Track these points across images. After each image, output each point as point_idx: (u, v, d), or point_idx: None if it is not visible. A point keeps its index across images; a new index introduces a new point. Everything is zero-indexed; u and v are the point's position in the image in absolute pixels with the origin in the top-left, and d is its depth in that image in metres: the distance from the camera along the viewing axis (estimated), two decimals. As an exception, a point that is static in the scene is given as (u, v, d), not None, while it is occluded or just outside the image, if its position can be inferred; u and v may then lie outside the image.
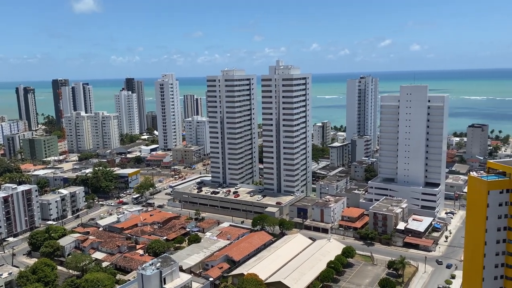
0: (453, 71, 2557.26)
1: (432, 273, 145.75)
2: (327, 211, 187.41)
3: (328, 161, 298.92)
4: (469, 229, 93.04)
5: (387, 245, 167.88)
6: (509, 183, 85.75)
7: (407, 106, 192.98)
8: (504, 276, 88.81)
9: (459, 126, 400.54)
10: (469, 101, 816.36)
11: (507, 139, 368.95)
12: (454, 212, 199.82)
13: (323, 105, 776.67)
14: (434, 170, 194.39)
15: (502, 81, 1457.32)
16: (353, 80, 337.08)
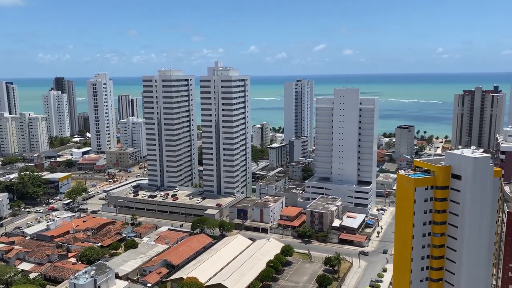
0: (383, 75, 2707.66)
1: (365, 267, 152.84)
2: (266, 211, 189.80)
3: (268, 162, 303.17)
4: (398, 224, 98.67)
5: (324, 242, 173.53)
6: (433, 180, 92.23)
7: (341, 108, 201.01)
8: (429, 267, 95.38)
9: (388, 127, 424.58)
10: (397, 104, 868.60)
11: (431, 139, 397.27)
12: (385, 208, 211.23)
13: (262, 107, 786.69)
14: (366, 169, 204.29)
15: (426, 85, 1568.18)
16: (290, 83, 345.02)
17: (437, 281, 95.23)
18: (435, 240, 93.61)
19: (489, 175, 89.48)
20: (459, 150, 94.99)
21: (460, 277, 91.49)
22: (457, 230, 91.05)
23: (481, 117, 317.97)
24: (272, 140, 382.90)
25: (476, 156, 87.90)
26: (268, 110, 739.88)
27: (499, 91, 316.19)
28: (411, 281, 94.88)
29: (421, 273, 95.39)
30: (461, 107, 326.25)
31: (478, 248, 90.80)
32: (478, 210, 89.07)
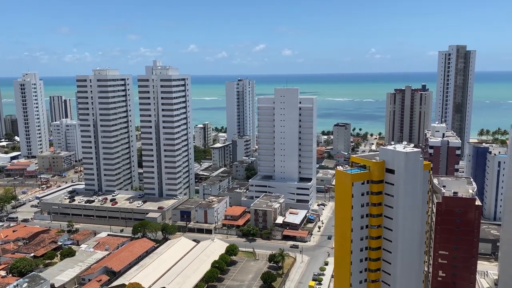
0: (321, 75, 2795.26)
1: (308, 262, 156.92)
2: (210, 212, 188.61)
3: (211, 162, 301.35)
4: (338, 218, 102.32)
5: (268, 239, 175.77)
6: (369, 175, 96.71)
7: (281, 108, 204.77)
8: (368, 258, 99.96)
9: (326, 125, 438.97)
10: (334, 103, 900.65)
11: (366, 136, 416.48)
12: (325, 203, 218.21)
13: (204, 107, 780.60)
14: (307, 166, 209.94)
15: (361, 84, 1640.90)
16: (231, 83, 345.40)
17: (375, 271, 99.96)
18: (372, 232, 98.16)
19: (420, 169, 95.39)
20: (391, 145, 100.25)
21: (396, 266, 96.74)
22: (392, 221, 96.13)
23: (411, 114, 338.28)
24: (215, 140, 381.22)
25: (407, 151, 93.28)
26: (210, 110, 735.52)
27: (426, 90, 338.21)
28: (351, 273, 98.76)
29: (360, 264, 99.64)
30: (393, 105, 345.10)
31: (411, 237, 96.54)
32: (410, 201, 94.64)
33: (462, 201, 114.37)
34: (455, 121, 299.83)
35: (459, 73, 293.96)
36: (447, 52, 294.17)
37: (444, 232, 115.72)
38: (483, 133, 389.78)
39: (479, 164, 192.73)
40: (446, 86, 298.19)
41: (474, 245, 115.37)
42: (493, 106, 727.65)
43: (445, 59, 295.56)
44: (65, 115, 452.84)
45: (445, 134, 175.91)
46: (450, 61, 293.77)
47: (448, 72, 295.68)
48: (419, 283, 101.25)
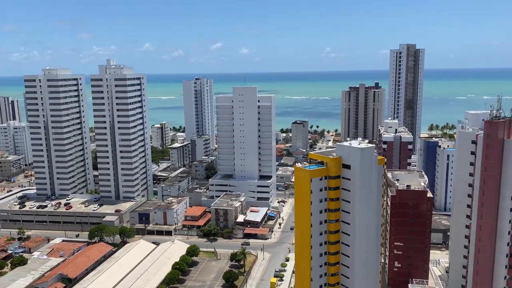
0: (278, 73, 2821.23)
1: (269, 259, 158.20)
2: (170, 213, 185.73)
3: (169, 163, 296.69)
4: (297, 214, 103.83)
5: (229, 238, 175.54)
6: (327, 171, 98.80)
7: (240, 106, 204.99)
8: (327, 252, 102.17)
9: (284, 123, 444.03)
10: (292, 101, 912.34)
11: (323, 133, 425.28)
12: (285, 200, 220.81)
13: (161, 107, 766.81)
14: (266, 164, 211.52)
15: (317, 82, 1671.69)
16: (188, 81, 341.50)
17: (334, 264, 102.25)
18: (331, 226, 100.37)
19: (374, 163, 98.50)
20: (347, 142, 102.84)
21: (354, 258, 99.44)
22: (349, 215, 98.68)
23: (365, 111, 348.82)
24: (173, 140, 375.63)
25: (362, 147, 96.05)
26: (167, 109, 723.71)
27: (379, 87, 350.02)
28: (311, 267, 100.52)
29: (320, 259, 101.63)
30: (348, 103, 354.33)
31: (368, 230, 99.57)
32: (366, 195, 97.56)
33: (414, 193, 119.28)
34: (407, 117, 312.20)
35: (410, 71, 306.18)
36: (398, 50, 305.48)
37: (398, 224, 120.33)
38: (432, 128, 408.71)
39: (430, 157, 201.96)
40: (398, 84, 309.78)
41: (427, 235, 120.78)
42: (441, 102, 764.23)
43: (396, 58, 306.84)
44: (13, 117, 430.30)
45: (397, 129, 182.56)
46: (401, 60, 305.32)
47: (399, 70, 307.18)
48: (376, 274, 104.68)
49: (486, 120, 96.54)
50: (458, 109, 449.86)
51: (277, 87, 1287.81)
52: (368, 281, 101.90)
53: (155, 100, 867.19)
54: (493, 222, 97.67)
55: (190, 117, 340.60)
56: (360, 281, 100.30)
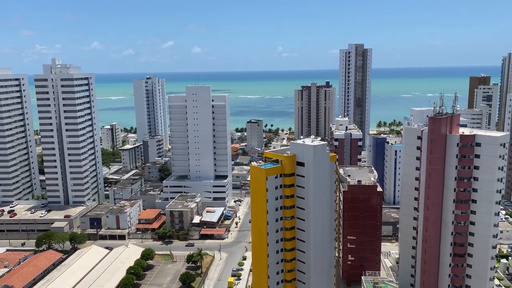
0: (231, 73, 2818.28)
1: (227, 258, 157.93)
2: (122, 217, 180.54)
3: (121, 165, 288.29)
4: (254, 213, 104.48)
5: (185, 240, 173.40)
6: (281, 169, 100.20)
7: (194, 106, 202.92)
8: (283, 249, 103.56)
9: (239, 122, 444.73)
10: (246, 100, 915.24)
11: (278, 132, 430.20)
12: (241, 199, 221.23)
13: (111, 107, 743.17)
14: (222, 164, 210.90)
15: (270, 82, 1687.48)
16: (139, 81, 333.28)
17: (290, 261, 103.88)
18: (287, 223, 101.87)
19: (327, 160, 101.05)
20: (301, 140, 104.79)
21: (309, 254, 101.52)
22: (304, 211, 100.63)
23: (317, 109, 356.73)
24: (124, 142, 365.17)
25: (315, 144, 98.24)
26: (117, 110, 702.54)
27: (330, 86, 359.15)
28: (268, 265, 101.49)
29: (277, 256, 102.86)
30: (301, 101, 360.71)
31: (322, 225, 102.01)
32: (319, 191, 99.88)
33: (365, 188, 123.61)
34: (356, 114, 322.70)
35: (358, 70, 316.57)
36: (347, 50, 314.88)
37: (351, 218, 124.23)
38: (381, 125, 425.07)
39: (379, 153, 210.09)
40: (347, 82, 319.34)
41: (378, 228, 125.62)
42: (388, 100, 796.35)
43: (345, 57, 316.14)
44: None
45: (348, 127, 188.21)
46: (350, 59, 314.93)
47: (348, 69, 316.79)
48: (331, 268, 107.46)
49: (430, 117, 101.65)
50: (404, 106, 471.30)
51: (231, 86, 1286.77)
52: (323, 275, 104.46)
53: (105, 100, 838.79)
54: (438, 213, 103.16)
55: (142, 118, 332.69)
56: (315, 276, 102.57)
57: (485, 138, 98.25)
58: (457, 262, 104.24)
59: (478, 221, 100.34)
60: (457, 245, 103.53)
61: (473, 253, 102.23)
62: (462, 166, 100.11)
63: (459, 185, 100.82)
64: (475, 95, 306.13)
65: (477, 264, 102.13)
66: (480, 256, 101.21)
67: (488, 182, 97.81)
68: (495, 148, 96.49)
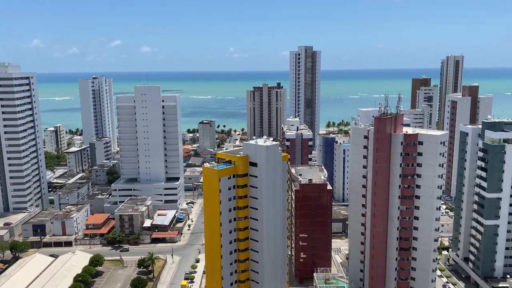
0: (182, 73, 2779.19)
1: (179, 262, 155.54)
2: (69, 223, 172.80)
3: (66, 168, 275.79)
4: (207, 214, 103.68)
5: (136, 244, 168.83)
6: (234, 170, 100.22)
7: (143, 106, 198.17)
8: (237, 250, 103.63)
9: (191, 123, 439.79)
10: (198, 101, 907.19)
11: (230, 132, 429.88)
12: (194, 201, 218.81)
13: (55, 108, 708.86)
14: (173, 165, 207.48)
15: (222, 82, 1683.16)
16: (85, 81, 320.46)
17: (244, 261, 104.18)
18: (240, 224, 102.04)
19: (279, 160, 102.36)
20: (253, 140, 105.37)
21: (263, 253, 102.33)
22: (257, 211, 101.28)
23: (269, 110, 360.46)
24: (70, 144, 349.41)
25: (267, 145, 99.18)
26: (62, 111, 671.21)
27: (281, 87, 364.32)
28: (222, 266, 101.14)
29: (230, 257, 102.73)
30: (253, 102, 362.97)
31: (275, 224, 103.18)
32: (272, 191, 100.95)
33: (316, 187, 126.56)
34: (307, 115, 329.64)
35: (308, 72, 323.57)
36: (297, 52, 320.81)
37: (302, 216, 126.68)
38: (330, 125, 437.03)
39: (328, 152, 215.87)
40: (298, 84, 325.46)
41: (328, 225, 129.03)
42: (337, 101, 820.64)
43: (295, 59, 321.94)
44: None
45: (298, 127, 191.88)
46: (299, 61, 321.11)
47: (298, 71, 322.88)
48: (284, 267, 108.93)
49: (376, 117, 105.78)
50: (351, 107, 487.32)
51: (183, 86, 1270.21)
52: (276, 274, 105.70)
53: (48, 101, 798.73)
54: (384, 210, 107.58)
55: (88, 119, 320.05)
56: (269, 275, 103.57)
57: (426, 137, 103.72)
58: (403, 256, 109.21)
59: (422, 216, 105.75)
60: (402, 240, 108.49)
61: (417, 246, 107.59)
62: (406, 164, 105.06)
63: (404, 182, 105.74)
64: (417, 96, 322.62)
65: (421, 257, 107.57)
66: (424, 249, 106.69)
67: (430, 179, 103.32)
68: (435, 146, 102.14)
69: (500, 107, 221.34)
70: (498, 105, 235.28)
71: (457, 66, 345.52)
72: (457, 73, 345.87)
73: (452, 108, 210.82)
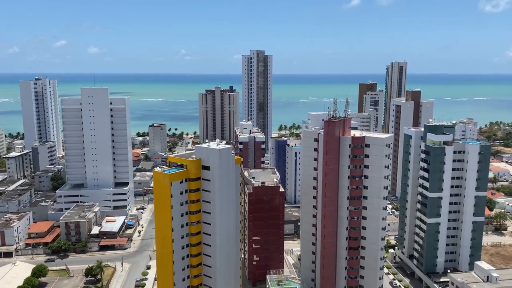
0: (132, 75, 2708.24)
1: (129, 269, 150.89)
2: (9, 232, 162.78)
3: (5, 174, 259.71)
4: (158, 220, 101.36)
5: (83, 253, 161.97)
6: (187, 173, 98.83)
7: (90, 109, 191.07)
8: (189, 255, 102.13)
9: (141, 126, 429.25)
10: (149, 103, 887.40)
11: (182, 136, 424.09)
12: (144, 207, 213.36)
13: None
14: (122, 170, 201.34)
15: (173, 85, 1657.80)
16: (27, 82, 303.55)
17: (197, 266, 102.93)
18: (192, 228, 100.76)
19: (232, 163, 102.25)
20: (206, 143, 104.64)
21: (215, 257, 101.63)
22: (210, 216, 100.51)
23: (222, 113, 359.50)
24: (10, 149, 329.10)
25: (220, 148, 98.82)
26: (1, 114, 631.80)
27: (233, 90, 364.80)
28: (174, 272, 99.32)
29: (183, 262, 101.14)
30: (205, 105, 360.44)
31: (228, 228, 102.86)
32: (225, 195, 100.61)
33: (268, 189, 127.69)
34: (259, 118, 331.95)
35: (260, 76, 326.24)
36: (249, 56, 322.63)
37: (256, 219, 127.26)
38: (282, 128, 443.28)
39: (280, 155, 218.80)
40: (250, 87, 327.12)
41: (281, 227, 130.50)
42: (288, 104, 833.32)
43: (247, 63, 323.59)
44: None
45: (251, 130, 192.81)
46: (252, 65, 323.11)
47: (251, 74, 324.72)
48: (237, 271, 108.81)
49: (325, 120, 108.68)
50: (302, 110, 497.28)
51: (132, 89, 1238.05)
52: (230, 278, 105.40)
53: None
54: (334, 210, 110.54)
55: (30, 122, 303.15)
56: (222, 279, 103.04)
57: (373, 139, 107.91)
58: (352, 255, 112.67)
59: (369, 215, 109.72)
60: (351, 239, 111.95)
61: (366, 245, 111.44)
62: (354, 166, 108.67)
63: (352, 183, 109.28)
64: (364, 100, 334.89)
65: (369, 256, 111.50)
66: (372, 248, 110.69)
67: (376, 180, 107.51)
68: (381, 149, 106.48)
69: (441, 111, 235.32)
70: (439, 109, 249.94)
71: (400, 72, 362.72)
72: (401, 79, 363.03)
73: (397, 112, 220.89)
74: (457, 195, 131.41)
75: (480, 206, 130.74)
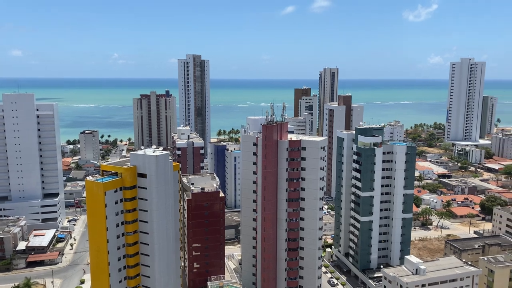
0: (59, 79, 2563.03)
1: (61, 285, 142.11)
2: None
3: None
4: (92, 231, 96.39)
5: (8, 270, 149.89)
6: (121, 182, 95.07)
7: (14, 116, 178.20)
8: (126, 266, 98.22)
9: (72, 134, 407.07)
10: (79, 109, 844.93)
11: (116, 143, 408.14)
12: (76, 218, 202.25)
13: None
14: (52, 180, 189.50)
15: (106, 89, 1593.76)
16: None
17: (134, 277, 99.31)
18: (129, 239, 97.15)
19: (170, 170, 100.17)
20: (142, 150, 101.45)
21: (154, 267, 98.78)
22: (147, 224, 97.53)
23: (158, 118, 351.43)
24: None
25: (157, 154, 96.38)
26: None
27: (170, 95, 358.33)
28: (110, 285, 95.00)
29: (119, 274, 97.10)
30: (140, 110, 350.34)
31: (167, 237, 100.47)
32: (163, 202, 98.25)
33: (208, 195, 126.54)
34: (197, 123, 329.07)
35: (197, 80, 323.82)
36: (186, 60, 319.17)
37: (195, 226, 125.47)
38: (221, 133, 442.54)
39: (220, 160, 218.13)
40: (187, 92, 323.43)
41: (221, 233, 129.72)
42: (226, 109, 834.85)
43: (184, 67, 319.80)
44: None
45: (189, 136, 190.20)
46: (188, 69, 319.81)
47: (188, 79, 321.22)
48: (177, 279, 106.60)
49: (263, 125, 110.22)
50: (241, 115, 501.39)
51: (61, 94, 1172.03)
52: (169, 287, 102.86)
53: None
54: (274, 213, 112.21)
55: None
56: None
57: (308, 142, 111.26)
58: (291, 256, 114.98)
59: (307, 216, 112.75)
60: (290, 241, 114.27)
61: (304, 246, 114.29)
62: (292, 168, 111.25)
63: (290, 185, 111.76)
64: (299, 105, 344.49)
65: (307, 256, 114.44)
66: (310, 248, 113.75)
67: (313, 181, 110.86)
68: (317, 151, 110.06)
69: (370, 115, 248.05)
70: (369, 113, 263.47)
71: (333, 78, 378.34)
72: (333, 84, 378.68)
73: (330, 115, 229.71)
74: (387, 193, 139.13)
75: (408, 204, 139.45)
